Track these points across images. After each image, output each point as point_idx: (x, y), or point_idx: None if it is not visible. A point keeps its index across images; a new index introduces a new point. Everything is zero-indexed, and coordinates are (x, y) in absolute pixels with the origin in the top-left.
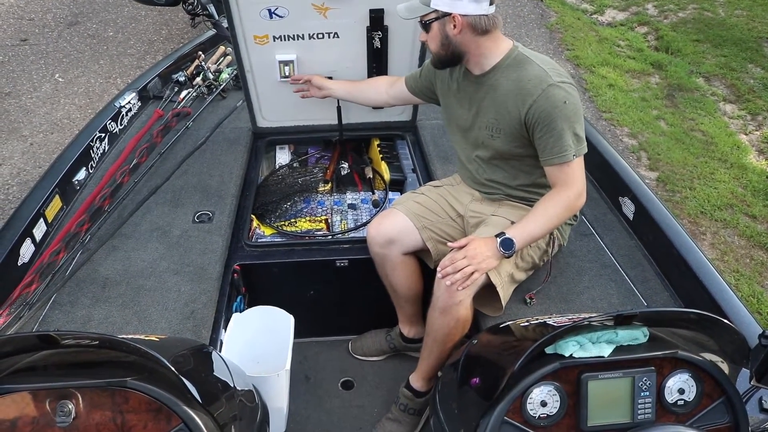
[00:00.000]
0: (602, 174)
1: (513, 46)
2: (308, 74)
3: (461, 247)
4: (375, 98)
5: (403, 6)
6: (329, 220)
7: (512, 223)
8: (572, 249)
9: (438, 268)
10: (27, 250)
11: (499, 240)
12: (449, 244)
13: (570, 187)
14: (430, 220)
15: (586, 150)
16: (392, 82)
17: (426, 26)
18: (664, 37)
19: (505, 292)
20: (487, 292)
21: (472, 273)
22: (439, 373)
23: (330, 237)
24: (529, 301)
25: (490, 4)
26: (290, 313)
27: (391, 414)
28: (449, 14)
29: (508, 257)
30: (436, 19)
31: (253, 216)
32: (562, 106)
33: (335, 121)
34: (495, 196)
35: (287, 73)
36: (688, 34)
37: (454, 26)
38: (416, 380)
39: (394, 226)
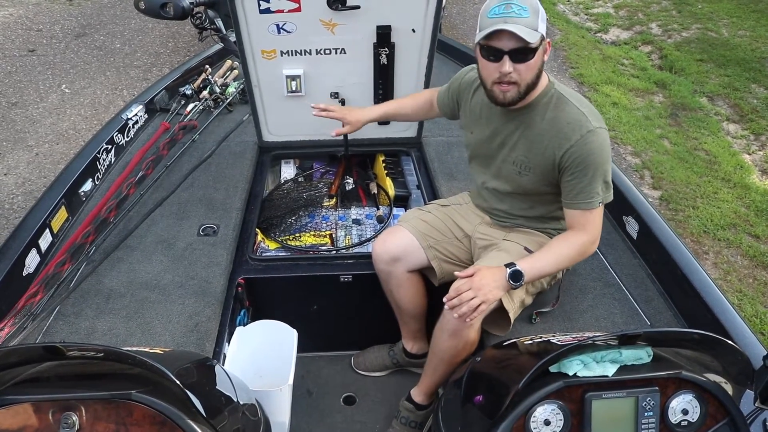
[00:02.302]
0: None
1: (549, 81)
2: (336, 110)
3: (468, 277)
4: (418, 116)
5: (521, 28)
6: (333, 235)
7: (524, 248)
8: (576, 268)
9: (444, 299)
10: (32, 260)
11: (508, 271)
12: (456, 273)
13: (588, 233)
14: (436, 239)
15: (612, 198)
16: (432, 100)
17: (531, 54)
18: (668, 56)
19: (515, 316)
20: (495, 312)
21: (479, 305)
22: (440, 391)
23: (334, 252)
24: (533, 318)
25: None
26: (293, 328)
27: (392, 429)
28: (545, 39)
29: (515, 289)
30: (539, 44)
31: (257, 230)
32: (598, 153)
33: (340, 137)
34: (506, 224)
35: (294, 88)
36: (691, 53)
37: (545, 51)
38: (418, 394)
39: (399, 244)
